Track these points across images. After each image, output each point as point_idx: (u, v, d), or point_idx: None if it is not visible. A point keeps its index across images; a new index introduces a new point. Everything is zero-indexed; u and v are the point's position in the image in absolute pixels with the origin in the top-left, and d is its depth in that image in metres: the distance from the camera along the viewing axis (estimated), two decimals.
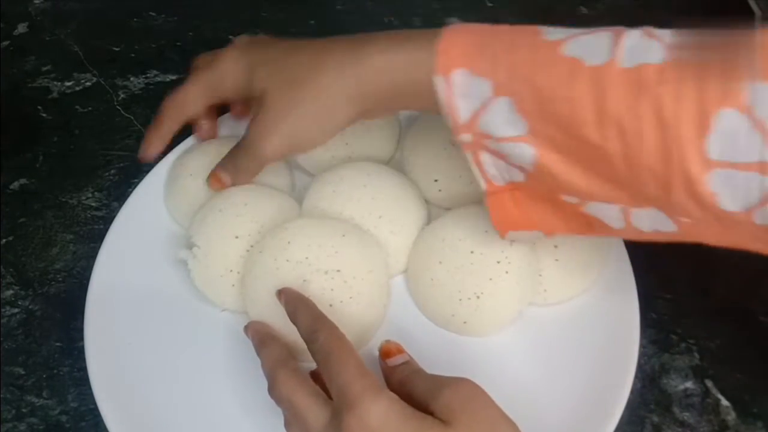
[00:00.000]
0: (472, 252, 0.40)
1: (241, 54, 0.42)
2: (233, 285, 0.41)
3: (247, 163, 0.42)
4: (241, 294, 0.41)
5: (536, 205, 0.35)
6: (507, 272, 0.40)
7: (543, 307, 0.42)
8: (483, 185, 0.35)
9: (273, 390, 0.33)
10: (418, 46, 0.34)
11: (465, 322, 0.40)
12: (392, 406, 0.29)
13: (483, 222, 0.41)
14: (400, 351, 0.36)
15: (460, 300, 0.40)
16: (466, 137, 0.34)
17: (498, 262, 0.40)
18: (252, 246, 0.41)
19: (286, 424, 0.34)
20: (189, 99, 0.44)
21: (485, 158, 0.34)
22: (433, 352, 0.38)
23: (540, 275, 0.41)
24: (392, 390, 0.31)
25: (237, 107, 0.48)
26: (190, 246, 0.42)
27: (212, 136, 0.47)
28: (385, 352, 0.36)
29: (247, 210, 0.42)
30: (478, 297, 0.40)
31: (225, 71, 0.42)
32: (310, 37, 0.63)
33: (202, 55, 0.45)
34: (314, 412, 0.31)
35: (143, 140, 0.45)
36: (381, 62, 0.36)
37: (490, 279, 0.40)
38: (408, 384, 0.33)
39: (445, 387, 0.31)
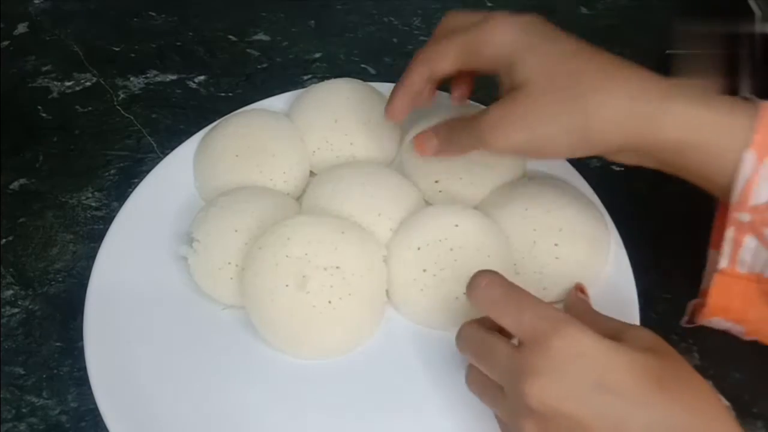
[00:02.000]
0: (451, 249, 0.40)
1: (516, 30, 0.37)
2: (231, 278, 0.41)
3: (467, 141, 0.39)
4: (239, 290, 0.41)
5: (763, 306, 0.35)
6: (489, 256, 0.40)
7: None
8: (723, 263, 0.35)
9: (460, 337, 0.34)
10: (729, 110, 0.33)
11: (466, 317, 0.40)
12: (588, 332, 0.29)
13: (453, 217, 0.41)
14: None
15: (456, 298, 0.40)
16: (742, 216, 0.33)
17: (478, 250, 0.40)
18: (251, 240, 0.41)
19: (470, 380, 0.34)
20: (441, 56, 0.39)
21: (748, 242, 0.34)
22: (432, 350, 0.39)
23: (540, 273, 0.41)
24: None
25: (460, 89, 0.44)
26: (190, 242, 0.43)
27: (466, 97, 0.44)
28: (581, 288, 0.39)
29: (246, 206, 0.43)
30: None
31: (490, 40, 0.37)
32: (309, 38, 0.63)
33: (453, 13, 0.41)
34: (502, 344, 0.31)
35: (389, 98, 0.42)
36: (681, 111, 0.33)
37: (479, 269, 0.40)
38: (589, 316, 0.35)
39: (631, 327, 0.32)
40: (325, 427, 0.38)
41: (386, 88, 0.51)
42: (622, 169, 0.52)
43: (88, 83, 0.59)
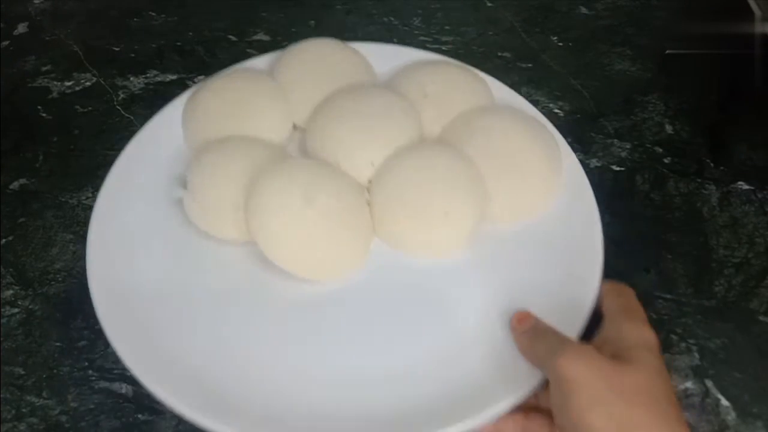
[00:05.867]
0: (425, 180, 0.44)
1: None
2: (227, 214, 0.44)
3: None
4: (243, 212, 0.43)
5: None
6: (463, 185, 0.44)
7: (510, 229, 0.45)
8: None
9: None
10: None
11: (442, 242, 0.44)
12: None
13: (428, 152, 0.46)
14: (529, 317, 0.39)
15: (433, 226, 0.43)
16: None
17: (450, 180, 0.44)
18: (244, 178, 0.44)
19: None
20: None
21: None
22: (415, 277, 0.43)
23: (509, 196, 0.45)
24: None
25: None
26: (184, 184, 0.45)
27: None
28: (519, 319, 0.39)
29: (238, 150, 0.46)
30: (446, 214, 0.43)
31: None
32: (309, 38, 0.63)
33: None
34: None
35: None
36: None
37: (450, 196, 0.44)
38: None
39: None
40: (319, 349, 0.40)
41: (362, 47, 0.54)
42: (623, 169, 0.52)
43: (88, 83, 0.59)
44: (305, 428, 0.36)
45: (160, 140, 0.49)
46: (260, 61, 0.54)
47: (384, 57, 0.53)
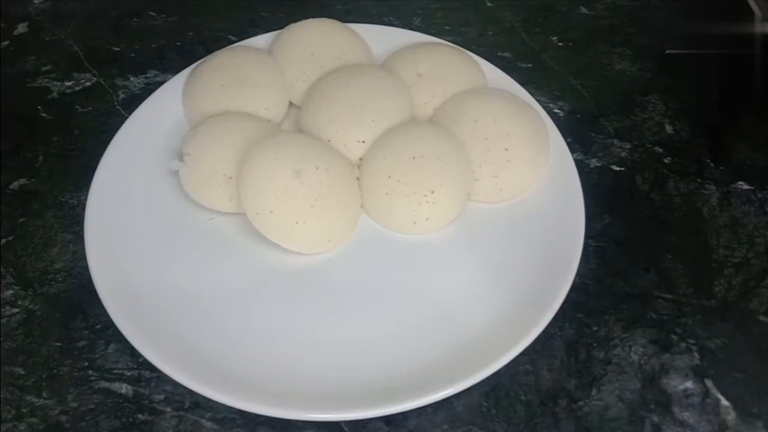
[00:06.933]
0: (413, 158, 0.45)
1: None
2: (220, 186, 0.45)
3: None
4: (235, 184, 0.45)
5: None
6: (449, 163, 0.46)
7: (498, 204, 0.47)
8: None
9: None
10: None
11: (428, 219, 0.45)
12: None
13: (415, 131, 0.47)
14: None
15: (419, 202, 0.45)
16: None
17: (438, 158, 0.45)
18: (238, 153, 0.45)
19: None
20: None
21: None
22: (399, 252, 0.45)
23: (495, 176, 0.47)
24: None
25: None
26: (180, 157, 0.47)
27: None
28: None
29: (234, 125, 0.47)
30: (432, 192, 0.45)
31: None
32: None
33: None
34: None
35: None
36: None
37: (437, 174, 0.45)
38: None
39: None
40: (303, 319, 0.42)
41: (359, 27, 0.56)
42: (623, 169, 0.52)
43: (88, 83, 0.59)
44: (283, 392, 0.38)
45: (158, 116, 0.51)
46: (260, 39, 0.56)
47: (382, 39, 0.55)
